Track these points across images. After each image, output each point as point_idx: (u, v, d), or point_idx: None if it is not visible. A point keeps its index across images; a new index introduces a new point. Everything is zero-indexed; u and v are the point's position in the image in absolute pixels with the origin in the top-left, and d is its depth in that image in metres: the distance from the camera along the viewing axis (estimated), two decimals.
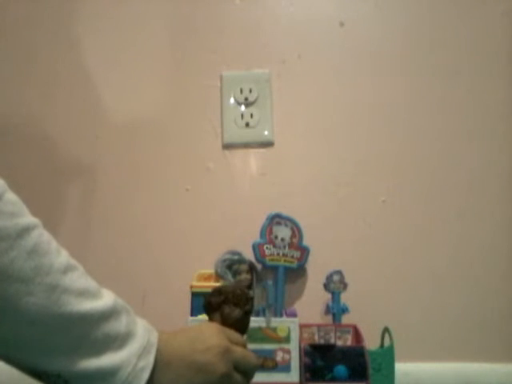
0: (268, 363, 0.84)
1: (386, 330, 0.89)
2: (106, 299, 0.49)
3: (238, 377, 0.56)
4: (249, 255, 0.94)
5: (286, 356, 0.84)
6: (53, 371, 0.45)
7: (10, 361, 0.46)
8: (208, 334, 0.55)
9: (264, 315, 0.86)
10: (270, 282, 0.92)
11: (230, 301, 0.61)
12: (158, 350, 0.51)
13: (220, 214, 1.02)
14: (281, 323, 0.86)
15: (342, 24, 1.06)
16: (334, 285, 0.93)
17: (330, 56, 1.06)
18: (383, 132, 1.03)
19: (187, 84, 1.07)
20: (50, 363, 0.45)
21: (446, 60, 1.04)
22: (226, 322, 0.60)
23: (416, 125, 1.03)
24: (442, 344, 0.97)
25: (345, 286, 0.93)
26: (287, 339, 0.85)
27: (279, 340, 0.85)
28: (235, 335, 0.59)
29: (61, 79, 1.08)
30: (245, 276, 0.91)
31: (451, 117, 1.03)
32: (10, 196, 0.45)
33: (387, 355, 0.86)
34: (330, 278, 0.93)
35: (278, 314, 0.90)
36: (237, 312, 0.60)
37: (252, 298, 0.62)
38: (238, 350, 0.57)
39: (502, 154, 1.01)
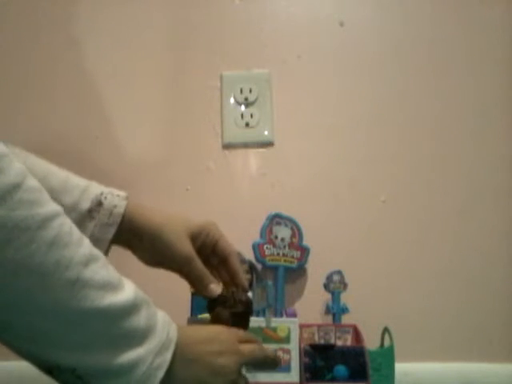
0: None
1: (385, 330, 0.89)
2: (127, 292, 0.47)
3: (242, 381, 0.56)
4: (249, 255, 0.94)
5: (286, 356, 0.84)
6: (67, 366, 0.44)
7: (23, 354, 0.44)
8: (224, 338, 0.56)
9: (264, 315, 0.86)
10: (270, 282, 0.92)
11: (220, 302, 0.62)
12: (175, 346, 0.50)
13: (220, 214, 1.02)
14: (281, 323, 0.86)
15: (341, 24, 1.06)
16: (334, 285, 0.93)
17: (329, 56, 1.06)
18: (383, 132, 1.03)
19: (187, 84, 1.07)
20: (65, 358, 0.44)
21: (446, 59, 1.04)
22: (215, 322, 0.61)
23: (416, 125, 1.03)
24: (442, 344, 0.97)
25: (345, 286, 0.93)
26: (287, 339, 0.85)
27: (279, 340, 0.85)
28: (242, 333, 0.59)
29: (60, 79, 1.08)
30: (245, 276, 0.91)
31: (451, 116, 1.03)
32: (31, 183, 0.42)
33: (387, 355, 0.86)
34: (330, 277, 0.93)
35: (277, 314, 0.91)
36: (225, 313, 0.61)
37: (242, 301, 0.62)
38: (246, 350, 0.57)
39: (502, 154, 1.01)
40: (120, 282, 0.47)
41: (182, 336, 0.51)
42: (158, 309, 0.52)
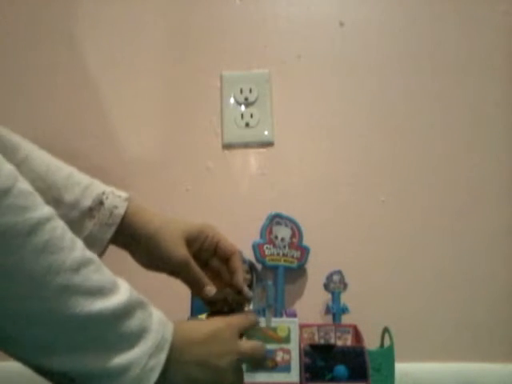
0: (268, 363, 0.84)
1: (385, 330, 0.89)
2: (121, 295, 0.46)
3: (239, 379, 0.56)
4: (249, 255, 0.94)
5: (286, 356, 0.84)
6: (59, 370, 0.43)
7: (15, 357, 0.44)
8: (224, 336, 0.55)
9: (264, 315, 0.86)
10: (270, 282, 0.92)
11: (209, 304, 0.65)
12: (171, 345, 0.49)
13: (220, 214, 1.02)
14: (281, 323, 0.86)
15: (341, 24, 1.06)
16: (334, 285, 0.93)
17: (330, 56, 1.06)
18: (383, 132, 1.03)
19: (187, 84, 1.07)
20: (55, 363, 0.43)
21: (446, 60, 1.04)
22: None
23: (416, 125, 1.03)
24: (442, 344, 0.97)
25: (345, 286, 0.93)
26: (287, 339, 0.85)
27: (279, 340, 0.85)
28: (243, 325, 0.59)
29: (60, 79, 1.08)
30: (245, 276, 0.91)
31: (451, 116, 1.03)
32: (22, 186, 0.41)
33: (387, 355, 0.86)
34: (330, 277, 0.93)
35: (278, 314, 0.91)
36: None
37: (219, 299, 0.63)
38: (246, 348, 0.56)
39: (502, 154, 1.01)
40: (114, 284, 0.47)
41: (179, 335, 0.51)
42: (155, 308, 0.51)
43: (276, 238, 0.95)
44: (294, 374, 0.83)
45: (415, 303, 0.98)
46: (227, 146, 1.04)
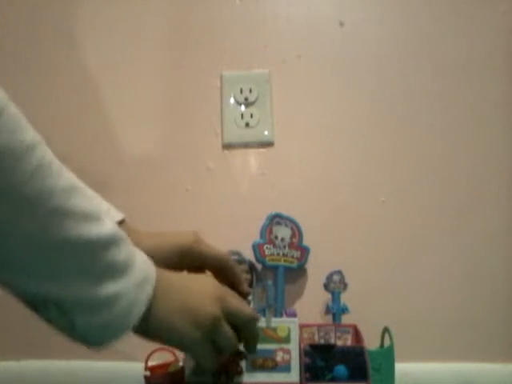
0: (268, 363, 0.84)
1: (385, 330, 0.89)
2: (108, 225, 0.46)
3: (227, 328, 0.55)
4: (249, 255, 0.94)
5: (286, 356, 0.84)
6: (52, 297, 0.43)
7: (10, 287, 0.43)
8: (204, 281, 0.56)
9: (264, 315, 0.86)
10: (270, 282, 0.92)
11: None
12: (156, 282, 0.49)
13: (220, 214, 1.03)
14: (281, 323, 0.86)
15: (341, 24, 1.06)
16: (334, 285, 0.93)
17: (330, 56, 1.06)
18: (383, 132, 1.03)
19: (187, 84, 1.07)
20: (50, 288, 0.42)
21: (446, 60, 1.04)
22: None
23: (416, 125, 1.03)
24: (442, 344, 0.97)
25: (345, 286, 0.93)
26: (287, 339, 0.85)
27: (279, 340, 0.85)
28: (230, 291, 0.59)
29: (59, 79, 1.08)
30: (245, 276, 0.91)
31: (451, 116, 1.03)
32: (12, 110, 0.40)
33: (387, 355, 0.86)
34: (330, 277, 0.93)
35: (277, 314, 0.91)
36: None
37: None
38: (233, 301, 0.57)
39: (502, 154, 1.01)
40: (100, 214, 0.46)
41: (161, 276, 0.51)
42: (138, 250, 0.51)
43: (276, 238, 0.95)
44: (294, 374, 0.83)
45: (415, 303, 0.98)
46: (227, 146, 1.04)
